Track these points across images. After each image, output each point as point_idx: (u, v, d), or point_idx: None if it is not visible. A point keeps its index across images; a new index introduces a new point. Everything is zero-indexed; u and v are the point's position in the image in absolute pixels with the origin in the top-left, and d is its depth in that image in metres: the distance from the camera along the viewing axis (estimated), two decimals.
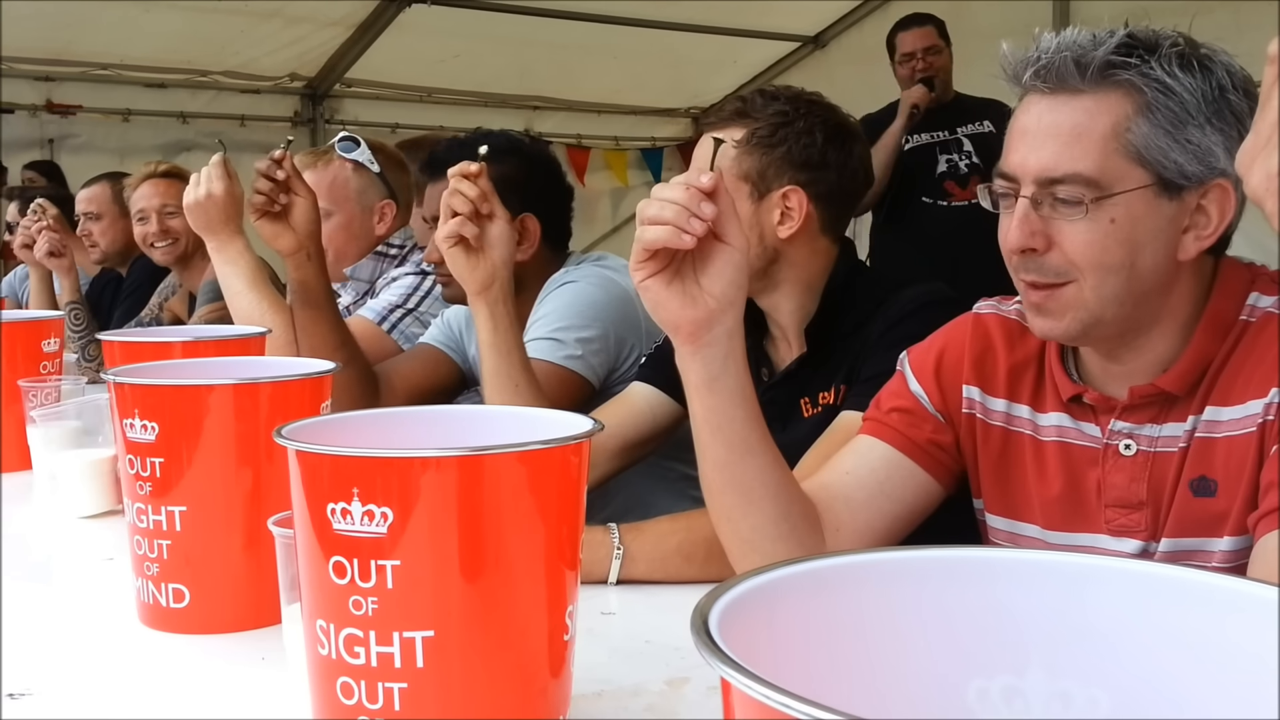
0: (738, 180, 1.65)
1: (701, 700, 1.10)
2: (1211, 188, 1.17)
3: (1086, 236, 1.17)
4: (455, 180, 1.75)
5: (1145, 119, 1.15)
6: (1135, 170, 1.16)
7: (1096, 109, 1.16)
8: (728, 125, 1.68)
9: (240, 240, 2.27)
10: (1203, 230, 1.18)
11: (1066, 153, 1.16)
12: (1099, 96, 1.17)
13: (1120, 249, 1.17)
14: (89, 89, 6.12)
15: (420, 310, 2.57)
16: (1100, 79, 1.16)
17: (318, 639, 0.94)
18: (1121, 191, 1.16)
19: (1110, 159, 1.16)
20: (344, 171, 2.74)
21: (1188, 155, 1.15)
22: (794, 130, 1.68)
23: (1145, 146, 1.15)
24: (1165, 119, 1.15)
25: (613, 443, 1.82)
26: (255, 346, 1.85)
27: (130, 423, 1.27)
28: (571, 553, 0.98)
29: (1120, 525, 1.26)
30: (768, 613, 0.57)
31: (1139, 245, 1.17)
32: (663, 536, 1.47)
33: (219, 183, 2.21)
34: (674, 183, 1.18)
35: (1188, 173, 1.16)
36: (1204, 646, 0.58)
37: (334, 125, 6.60)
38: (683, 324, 1.20)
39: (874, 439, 1.38)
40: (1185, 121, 1.15)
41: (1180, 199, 1.17)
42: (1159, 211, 1.17)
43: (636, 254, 1.19)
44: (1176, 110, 1.15)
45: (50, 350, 2.31)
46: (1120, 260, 1.17)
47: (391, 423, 1.11)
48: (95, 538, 1.73)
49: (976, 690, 0.62)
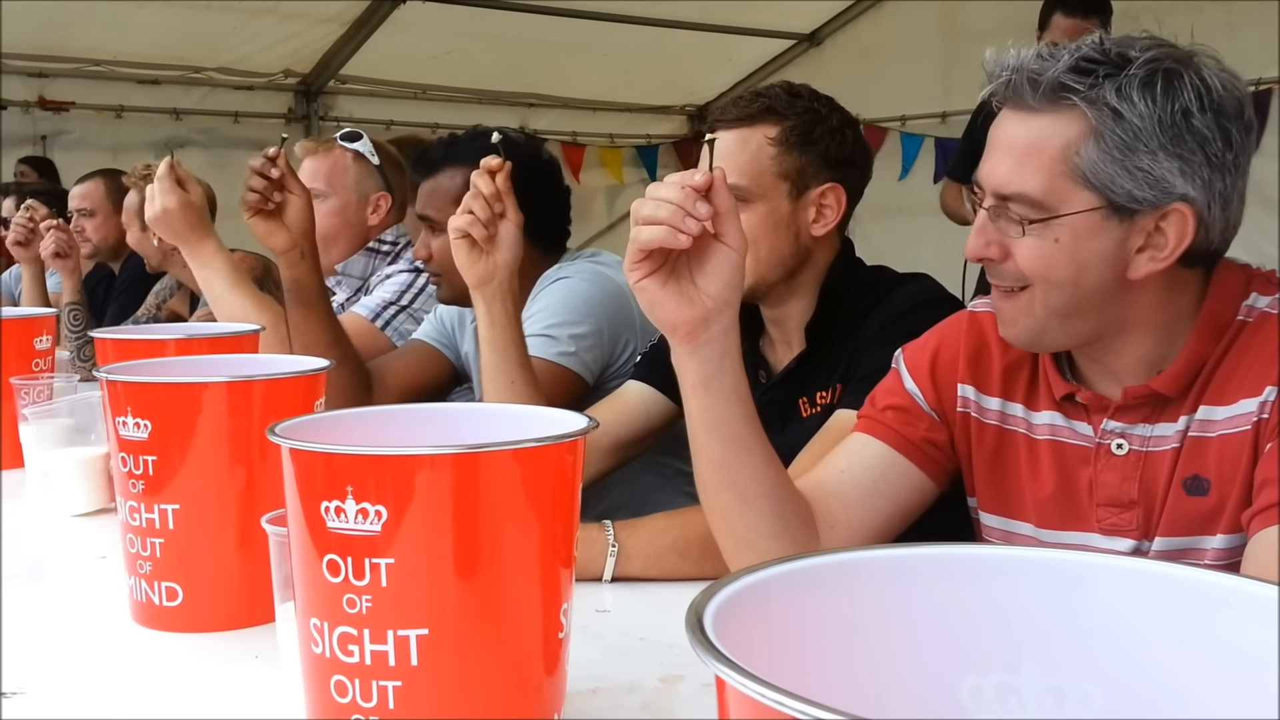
0: (776, 179, 1.65)
1: (696, 698, 1.10)
2: (1170, 211, 1.16)
3: (1032, 252, 1.19)
4: (477, 175, 1.75)
5: (1094, 143, 1.14)
6: (1082, 193, 1.16)
7: (1049, 129, 1.17)
8: (755, 123, 1.66)
9: (211, 242, 2.26)
10: (1159, 251, 1.17)
11: (1017, 172, 1.18)
12: (1053, 116, 1.17)
13: (1065, 266, 1.18)
14: (82, 85, 6.12)
15: (414, 307, 2.58)
16: (1053, 99, 1.16)
17: (311, 637, 0.94)
18: (1068, 214, 1.16)
19: (1057, 181, 1.16)
20: (344, 159, 2.77)
21: (1136, 181, 1.14)
22: (828, 127, 1.68)
23: (1093, 171, 1.15)
24: (1113, 145, 1.14)
25: (606, 441, 1.81)
26: (248, 344, 1.84)
27: (123, 421, 1.26)
28: (566, 550, 0.98)
29: (1112, 524, 1.26)
30: (762, 610, 0.57)
31: (1083, 264, 1.18)
32: (657, 534, 1.47)
33: (171, 195, 2.19)
34: (669, 181, 1.17)
35: (1138, 198, 1.15)
36: (1199, 644, 0.58)
37: (328, 122, 6.60)
38: (679, 324, 1.20)
39: (869, 437, 1.38)
40: (1134, 149, 1.14)
41: (1132, 221, 1.16)
42: (1106, 233, 1.17)
43: (632, 254, 1.18)
44: (1125, 137, 1.14)
45: (43, 348, 2.30)
46: (1064, 277, 1.18)
47: (385, 420, 1.11)
48: (88, 536, 1.73)
49: (970, 687, 0.62)
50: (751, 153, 1.63)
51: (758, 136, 1.65)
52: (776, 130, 1.66)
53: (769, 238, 1.65)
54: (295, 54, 6.37)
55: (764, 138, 1.65)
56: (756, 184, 1.63)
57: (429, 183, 2.18)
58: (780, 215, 1.65)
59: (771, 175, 1.64)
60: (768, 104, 1.67)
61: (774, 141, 1.65)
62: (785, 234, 1.66)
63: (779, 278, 1.69)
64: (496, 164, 1.74)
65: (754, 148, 1.64)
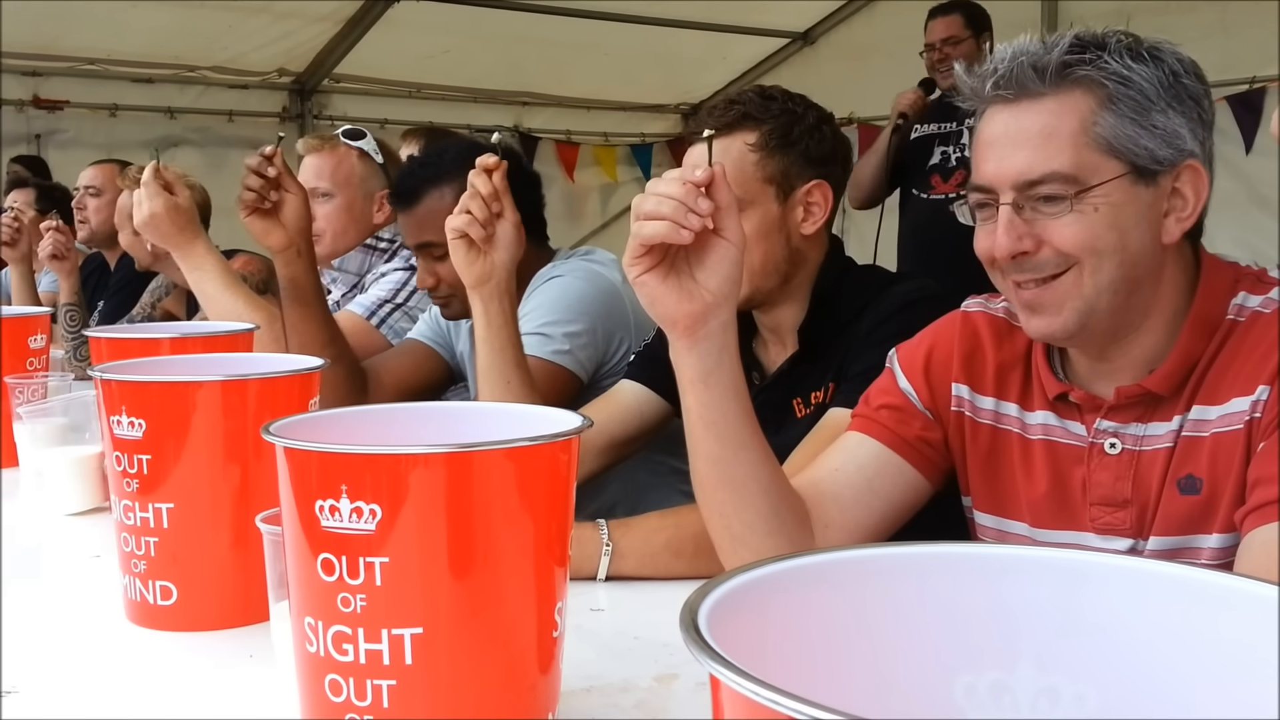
0: (763, 184, 1.65)
1: (690, 696, 1.10)
2: (1184, 169, 1.19)
3: (1074, 228, 1.18)
4: (474, 175, 1.74)
5: (1109, 111, 1.17)
6: (1109, 161, 1.17)
7: (1061, 109, 1.18)
8: (732, 130, 1.66)
9: (201, 243, 2.26)
10: (1181, 212, 1.20)
11: (1040, 154, 1.18)
12: (1060, 97, 1.18)
13: (1110, 233, 1.18)
14: (76, 84, 6.10)
15: (409, 305, 2.58)
16: (1060, 79, 1.18)
17: (306, 636, 0.94)
18: (1099, 183, 1.17)
19: (1083, 154, 1.17)
20: (350, 157, 2.77)
21: (1156, 140, 1.18)
22: (806, 126, 1.68)
23: (1114, 137, 1.17)
24: (1129, 108, 1.17)
25: (600, 440, 1.81)
26: (243, 343, 1.84)
27: (117, 419, 1.26)
28: (560, 549, 0.98)
29: (1105, 523, 1.27)
30: (757, 609, 0.57)
31: (1125, 230, 1.18)
32: (652, 533, 1.47)
33: (158, 199, 2.19)
34: (670, 177, 1.17)
35: (1159, 157, 1.18)
36: (1199, 643, 0.58)
37: (322, 121, 6.59)
38: (680, 319, 1.20)
39: (863, 436, 1.38)
40: (1148, 108, 1.17)
41: (1156, 184, 1.19)
42: (1138, 198, 1.19)
43: (633, 249, 1.19)
44: (1138, 98, 1.17)
45: (37, 346, 2.30)
46: (1112, 244, 1.18)
47: (380, 419, 1.11)
48: (82, 535, 1.73)
49: (965, 686, 0.62)
50: (734, 160, 1.62)
51: (737, 144, 1.64)
52: (755, 135, 1.66)
53: (763, 244, 1.65)
54: (290, 53, 6.35)
55: (744, 144, 1.65)
56: (744, 191, 1.62)
57: (418, 210, 2.13)
58: (771, 220, 1.65)
59: (757, 181, 1.64)
60: (743, 110, 1.67)
61: (754, 147, 1.65)
62: (778, 238, 1.66)
63: (775, 284, 1.69)
64: (494, 163, 1.74)
65: (735, 155, 1.64)
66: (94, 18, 5.53)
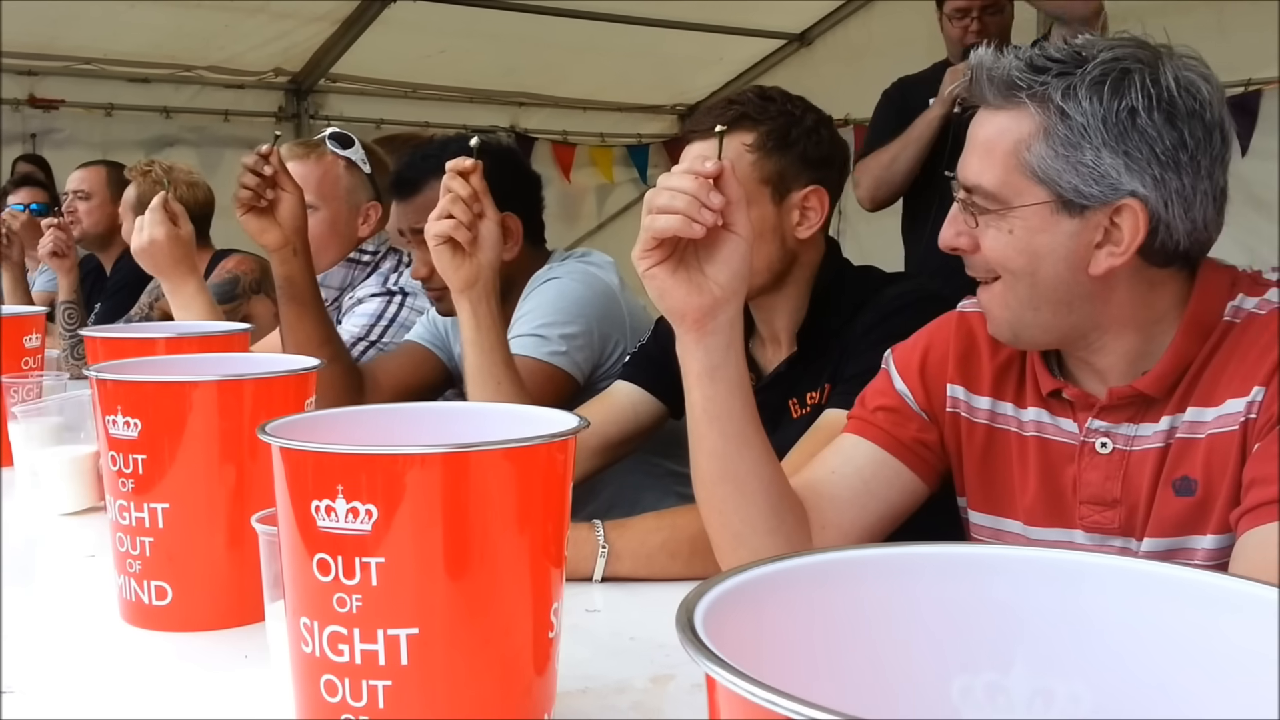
0: (759, 184, 1.65)
1: (686, 697, 1.10)
2: (1122, 207, 1.17)
3: (992, 242, 1.22)
4: (449, 178, 1.73)
5: (1043, 140, 1.18)
6: (1034, 187, 1.19)
7: (1006, 125, 1.20)
8: (731, 131, 1.65)
9: (193, 281, 2.27)
10: (1116, 247, 1.19)
11: (979, 164, 1.22)
12: (1009, 113, 1.20)
13: (1020, 258, 1.21)
14: (72, 84, 6.09)
15: (384, 342, 2.51)
16: (1006, 96, 1.20)
17: (301, 637, 0.94)
18: (1020, 206, 1.19)
19: (1011, 175, 1.20)
20: (335, 168, 2.65)
21: (1082, 177, 1.17)
22: (803, 128, 1.68)
23: (1041, 167, 1.18)
24: (1059, 141, 1.17)
25: (595, 441, 1.81)
26: (239, 343, 1.84)
27: (113, 419, 1.26)
28: (556, 550, 0.98)
29: (1094, 522, 1.27)
30: (752, 609, 0.57)
31: (1038, 256, 1.20)
32: (648, 533, 1.47)
33: (161, 228, 2.20)
34: (681, 172, 1.19)
35: (1085, 193, 1.17)
36: (1198, 644, 0.58)
37: (319, 121, 6.58)
38: (689, 312, 1.21)
39: (859, 438, 1.38)
40: (1079, 145, 1.16)
41: (1083, 217, 1.18)
42: (1058, 227, 1.19)
43: (644, 242, 1.20)
44: (1070, 135, 1.17)
45: (32, 346, 2.30)
46: (1021, 267, 1.21)
47: (376, 419, 1.11)
48: (77, 535, 1.73)
49: (961, 687, 0.62)
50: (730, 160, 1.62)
51: (734, 144, 1.64)
52: (753, 136, 1.65)
53: (757, 245, 1.64)
54: (286, 52, 6.35)
55: (741, 145, 1.64)
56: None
57: (416, 199, 2.13)
58: (766, 221, 1.65)
59: (753, 182, 1.64)
60: (741, 110, 1.67)
61: (752, 148, 1.65)
62: (772, 239, 1.66)
63: (767, 283, 1.69)
64: (469, 165, 1.72)
65: (732, 155, 1.63)
66: (90, 17, 5.52)
